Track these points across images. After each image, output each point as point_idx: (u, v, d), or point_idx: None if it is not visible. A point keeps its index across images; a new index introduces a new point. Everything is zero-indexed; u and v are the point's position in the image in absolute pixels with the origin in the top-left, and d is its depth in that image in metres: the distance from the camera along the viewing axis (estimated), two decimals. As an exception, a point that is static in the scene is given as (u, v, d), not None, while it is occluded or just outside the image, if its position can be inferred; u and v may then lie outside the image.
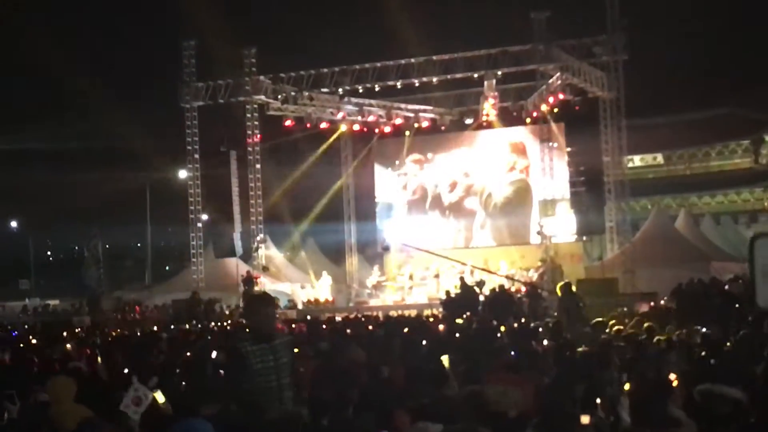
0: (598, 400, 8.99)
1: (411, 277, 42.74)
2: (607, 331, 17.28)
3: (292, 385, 9.54)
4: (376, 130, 46.34)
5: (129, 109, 51.80)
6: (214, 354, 14.34)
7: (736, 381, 8.68)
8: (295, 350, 16.33)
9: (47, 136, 52.69)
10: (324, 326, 24.95)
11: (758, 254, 5.49)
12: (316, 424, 8.29)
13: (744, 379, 9.43)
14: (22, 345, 20.52)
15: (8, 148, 54.83)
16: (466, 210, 45.77)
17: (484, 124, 43.81)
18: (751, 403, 8.18)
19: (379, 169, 47.62)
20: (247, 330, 9.95)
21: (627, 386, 9.65)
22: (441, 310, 32.50)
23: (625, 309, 28.24)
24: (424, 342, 15.74)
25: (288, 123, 43.77)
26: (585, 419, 7.40)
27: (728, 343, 14.21)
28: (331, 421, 8.16)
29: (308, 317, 33.92)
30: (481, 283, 36.00)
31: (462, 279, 35.61)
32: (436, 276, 41.85)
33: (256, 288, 40.92)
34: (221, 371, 11.82)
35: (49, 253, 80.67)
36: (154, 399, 9.89)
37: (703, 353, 12.86)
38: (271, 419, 8.19)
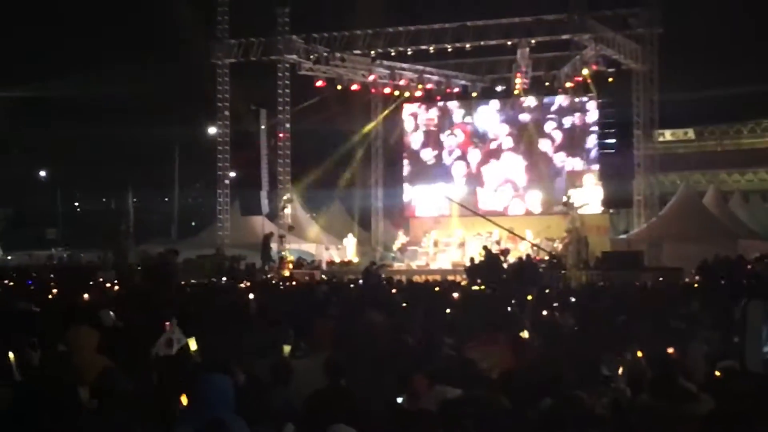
0: (620, 371, 8.99)
1: (436, 244, 42.72)
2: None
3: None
4: (407, 94, 46.17)
5: (161, 64, 51.73)
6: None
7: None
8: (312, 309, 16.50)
9: (78, 87, 52.77)
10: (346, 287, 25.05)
11: (750, 317, 5.44)
12: (334, 385, 8.32)
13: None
14: (46, 293, 20.61)
15: (39, 98, 55.02)
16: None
17: (516, 92, 43.49)
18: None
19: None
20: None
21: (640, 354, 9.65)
22: (465, 276, 32.55)
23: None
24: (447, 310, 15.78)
25: (319, 84, 43.73)
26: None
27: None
28: (348, 383, 8.19)
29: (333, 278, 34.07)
30: (505, 252, 35.97)
31: (486, 247, 35.63)
32: (461, 243, 41.85)
33: (274, 248, 41.11)
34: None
35: (77, 204, 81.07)
36: (187, 345, 10.01)
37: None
38: None
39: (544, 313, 15.37)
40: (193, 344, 10.14)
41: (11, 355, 8.23)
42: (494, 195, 44.99)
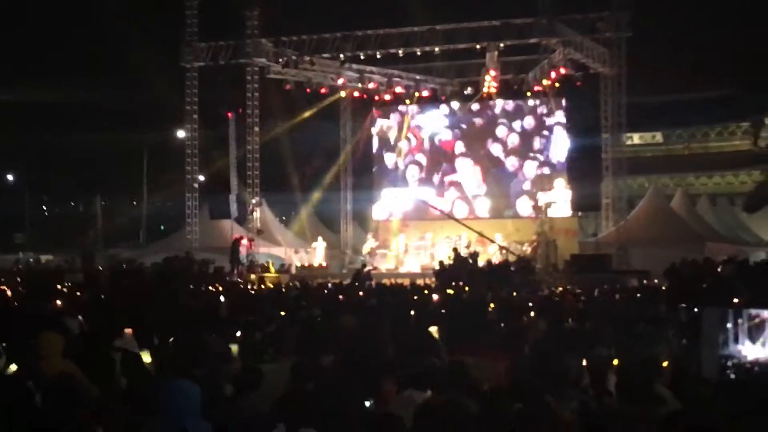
0: (589, 376, 8.99)
1: (406, 247, 42.76)
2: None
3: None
4: (376, 98, 46.08)
5: (129, 67, 51.55)
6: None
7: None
8: (282, 314, 16.48)
9: (46, 91, 52.44)
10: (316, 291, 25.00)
11: (705, 324, 5.51)
12: (300, 389, 8.29)
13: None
14: (11, 298, 20.46)
15: (6, 102, 54.57)
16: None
17: (485, 96, 43.49)
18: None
19: (377, 137, 47.28)
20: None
21: (616, 362, 9.63)
22: (434, 279, 32.57)
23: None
24: (412, 312, 15.77)
25: (288, 87, 43.62)
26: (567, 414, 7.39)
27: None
28: (316, 387, 8.15)
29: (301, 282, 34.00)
30: (474, 255, 36.03)
31: (456, 250, 35.70)
32: (431, 246, 41.95)
33: (242, 253, 40.97)
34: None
35: (44, 208, 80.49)
36: (140, 358, 9.97)
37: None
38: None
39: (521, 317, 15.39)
40: (146, 357, 10.14)
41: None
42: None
